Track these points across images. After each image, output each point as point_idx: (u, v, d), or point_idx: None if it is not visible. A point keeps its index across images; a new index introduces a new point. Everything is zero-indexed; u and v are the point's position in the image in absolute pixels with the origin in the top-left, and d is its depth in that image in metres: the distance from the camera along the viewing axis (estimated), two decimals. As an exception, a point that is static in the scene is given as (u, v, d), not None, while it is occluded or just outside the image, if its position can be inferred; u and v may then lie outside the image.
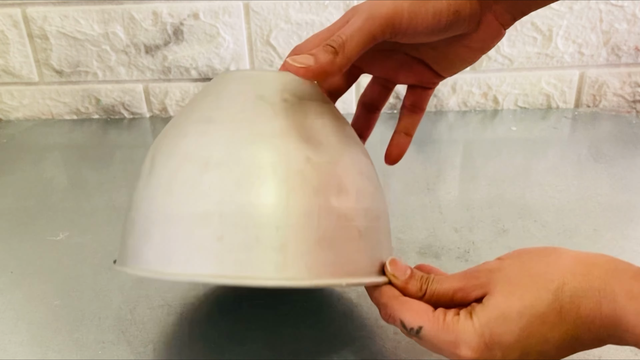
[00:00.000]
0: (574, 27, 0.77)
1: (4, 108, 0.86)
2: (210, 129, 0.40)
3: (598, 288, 0.34)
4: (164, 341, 0.50)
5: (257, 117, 0.40)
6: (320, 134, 0.40)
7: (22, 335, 0.51)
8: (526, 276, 0.35)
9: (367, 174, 0.43)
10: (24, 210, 0.67)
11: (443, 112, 0.83)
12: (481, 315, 0.35)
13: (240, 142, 0.39)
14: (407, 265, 0.41)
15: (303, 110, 0.41)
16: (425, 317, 0.37)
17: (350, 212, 0.40)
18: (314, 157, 0.39)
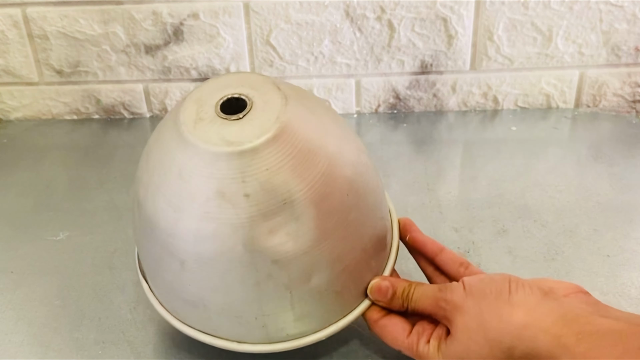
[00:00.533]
0: (574, 27, 0.77)
1: (4, 108, 0.86)
2: (179, 227, 0.40)
3: (545, 354, 0.36)
4: (164, 341, 0.50)
5: (220, 223, 0.39)
6: (289, 223, 0.39)
7: (22, 335, 0.51)
8: (481, 331, 0.39)
9: (344, 217, 0.42)
10: (24, 210, 0.67)
11: (443, 112, 0.83)
12: (446, 354, 0.41)
13: (209, 251, 0.40)
14: (391, 283, 0.44)
15: (267, 199, 0.39)
16: (401, 344, 0.43)
17: (323, 286, 0.42)
18: (280, 258, 0.40)
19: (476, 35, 0.77)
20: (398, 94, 0.82)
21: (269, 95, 0.42)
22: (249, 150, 0.38)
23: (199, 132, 0.40)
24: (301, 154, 0.39)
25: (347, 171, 0.42)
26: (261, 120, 0.40)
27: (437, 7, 0.75)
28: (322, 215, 0.40)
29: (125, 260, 0.58)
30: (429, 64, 0.80)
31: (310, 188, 0.39)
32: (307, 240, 0.40)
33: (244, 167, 0.38)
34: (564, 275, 0.55)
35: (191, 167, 0.39)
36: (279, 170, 0.39)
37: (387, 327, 0.44)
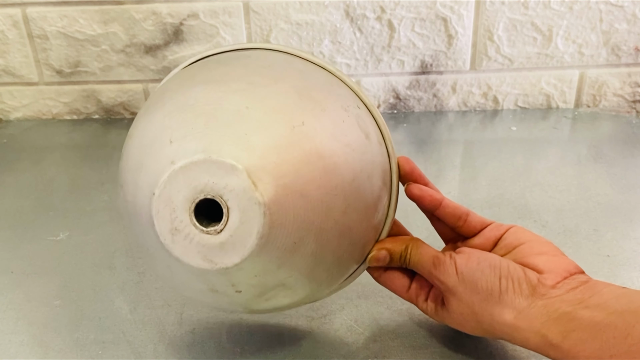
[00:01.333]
0: (574, 27, 0.77)
1: (4, 108, 0.86)
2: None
3: (536, 350, 0.40)
4: (164, 341, 0.49)
5: (217, 304, 0.42)
6: (285, 290, 0.41)
7: (22, 335, 0.51)
8: (474, 321, 0.42)
9: (345, 201, 0.40)
10: (24, 210, 0.67)
11: (443, 112, 0.83)
12: (443, 319, 0.44)
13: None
14: (386, 249, 0.46)
15: (261, 287, 0.40)
16: (401, 297, 0.47)
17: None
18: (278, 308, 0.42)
19: (476, 35, 0.77)
20: (398, 94, 0.82)
21: (245, 198, 0.37)
22: (233, 267, 0.37)
23: (179, 248, 0.37)
24: (287, 248, 0.38)
25: (338, 216, 0.40)
26: (241, 232, 0.37)
27: (437, 7, 0.75)
28: (315, 269, 0.41)
29: (125, 260, 0.58)
30: (429, 64, 0.80)
31: (303, 269, 0.40)
32: (302, 294, 0.42)
33: (232, 279, 0.38)
34: (564, 275, 0.55)
35: (180, 270, 0.39)
36: (269, 272, 0.38)
37: (387, 283, 0.47)
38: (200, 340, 0.49)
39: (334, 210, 0.39)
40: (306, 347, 0.48)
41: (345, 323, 0.50)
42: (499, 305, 0.41)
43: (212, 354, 0.48)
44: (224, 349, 0.48)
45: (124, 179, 0.41)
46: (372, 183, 0.43)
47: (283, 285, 0.40)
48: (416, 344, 0.47)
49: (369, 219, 0.44)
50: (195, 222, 0.37)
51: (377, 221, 0.45)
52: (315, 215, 0.38)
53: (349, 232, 0.41)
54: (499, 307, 0.41)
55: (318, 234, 0.39)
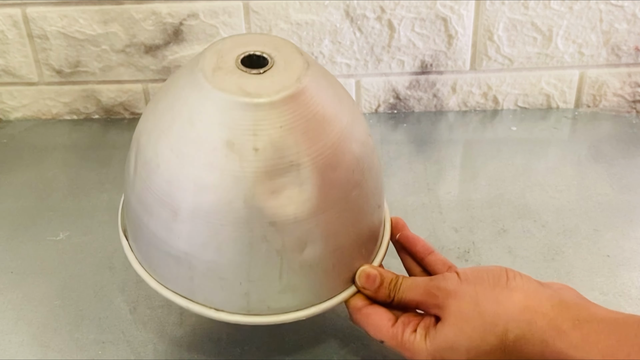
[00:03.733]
0: (574, 27, 0.77)
1: (4, 108, 0.86)
2: (180, 174, 0.39)
3: (540, 339, 0.36)
4: (164, 341, 0.50)
5: (224, 175, 0.39)
6: (291, 187, 0.39)
7: (22, 335, 0.51)
8: (476, 313, 0.38)
9: (345, 200, 0.41)
10: (24, 210, 0.67)
11: (443, 112, 0.83)
12: (434, 342, 0.39)
13: (206, 203, 0.39)
14: (379, 272, 0.43)
15: (275, 158, 0.38)
16: (385, 333, 0.41)
17: (317, 260, 0.41)
18: (279, 220, 0.39)
19: (476, 35, 0.77)
20: (398, 94, 0.82)
21: (291, 57, 0.41)
22: (266, 104, 0.38)
23: (217, 79, 0.39)
24: (316, 119, 0.39)
25: (356, 148, 0.41)
26: (282, 78, 0.40)
27: (437, 7, 0.75)
28: (326, 186, 0.39)
29: (125, 261, 0.58)
30: (429, 64, 0.80)
31: (319, 155, 0.39)
32: (308, 207, 0.39)
33: (258, 120, 0.38)
34: (564, 275, 0.55)
35: (203, 113, 0.39)
36: (292, 130, 0.38)
37: (371, 315, 0.43)
38: (200, 340, 0.49)
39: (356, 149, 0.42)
40: (306, 347, 0.48)
41: (345, 323, 0.50)
42: (506, 289, 0.38)
43: (212, 354, 0.48)
44: (224, 349, 0.48)
45: None
46: (378, 189, 0.44)
47: (297, 176, 0.38)
48: (416, 344, 0.47)
49: (372, 216, 0.44)
50: (239, 63, 0.40)
51: (373, 235, 0.45)
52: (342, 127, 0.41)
53: (358, 205, 0.42)
54: (507, 291, 0.38)
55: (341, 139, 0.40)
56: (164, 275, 0.43)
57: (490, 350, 0.38)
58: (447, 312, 0.40)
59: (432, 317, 0.41)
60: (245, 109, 0.38)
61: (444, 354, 0.39)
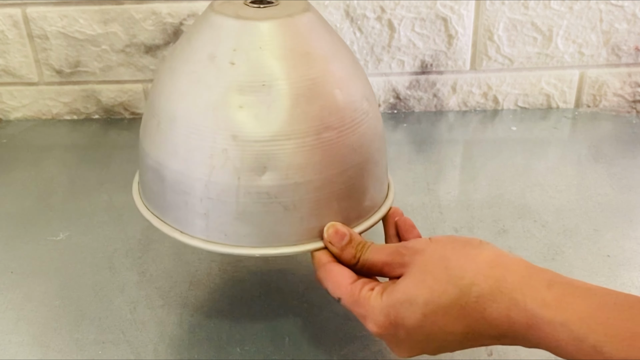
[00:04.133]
0: (574, 27, 0.77)
1: (4, 108, 0.86)
2: (168, 84, 0.44)
3: (509, 295, 0.34)
4: (164, 341, 0.50)
5: (202, 81, 0.42)
6: (260, 105, 0.40)
7: (22, 335, 0.51)
8: (442, 266, 0.36)
9: (317, 132, 0.42)
10: (24, 210, 0.67)
11: (443, 112, 0.83)
12: (390, 296, 0.37)
13: (185, 103, 0.42)
14: (349, 231, 0.43)
15: (249, 75, 0.41)
16: (343, 290, 0.40)
17: (274, 190, 0.41)
18: (242, 133, 0.40)
19: (476, 35, 0.77)
20: (398, 94, 0.82)
21: (296, 4, 0.45)
22: (250, 25, 0.42)
23: (221, 7, 0.44)
24: (298, 51, 0.42)
25: (339, 96, 0.42)
26: (275, 11, 0.43)
27: (437, 7, 0.75)
28: (295, 115, 0.41)
29: (125, 260, 0.58)
30: (429, 64, 0.80)
31: (294, 83, 0.41)
32: (271, 128, 0.40)
33: (240, 38, 0.41)
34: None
35: (200, 32, 0.43)
36: (271, 54, 0.41)
37: (333, 271, 0.41)
38: (200, 340, 0.49)
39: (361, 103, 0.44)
40: (306, 347, 0.48)
41: (345, 323, 0.50)
42: (478, 249, 0.37)
43: (212, 354, 0.48)
44: (224, 349, 0.48)
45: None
46: (369, 154, 0.45)
47: (266, 96, 0.40)
48: (416, 344, 0.47)
49: (352, 174, 0.44)
50: (248, 2, 0.45)
51: (354, 196, 0.45)
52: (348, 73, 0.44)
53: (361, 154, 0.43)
54: (478, 250, 0.36)
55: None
56: (148, 196, 0.47)
57: (449, 304, 0.35)
58: (411, 267, 0.38)
59: (394, 281, 0.39)
60: (232, 28, 0.42)
61: (399, 309, 0.36)
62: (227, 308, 0.52)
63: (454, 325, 0.35)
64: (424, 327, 0.36)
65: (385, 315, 0.37)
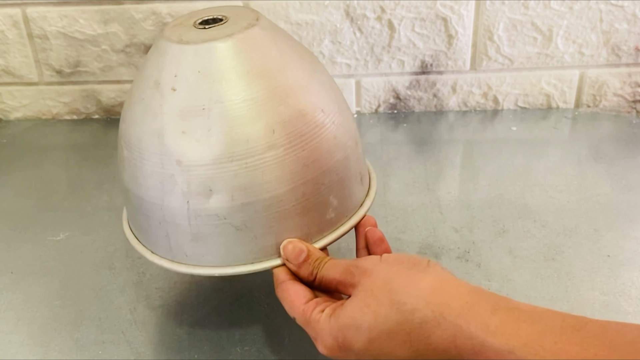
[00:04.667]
0: (574, 27, 0.77)
1: (4, 108, 0.86)
2: (126, 111, 0.45)
3: (453, 322, 0.33)
4: (164, 341, 0.50)
5: (147, 109, 0.43)
6: (201, 129, 0.41)
7: (22, 335, 0.51)
8: (386, 290, 0.36)
9: (269, 145, 0.41)
10: (24, 210, 0.67)
11: (443, 112, 0.83)
12: (338, 320, 0.37)
13: (134, 133, 0.43)
14: (307, 247, 0.43)
15: (191, 98, 0.41)
16: (296, 310, 0.40)
17: (224, 211, 0.42)
18: (186, 158, 0.41)
19: (476, 35, 0.77)
20: (398, 94, 0.82)
21: (244, 19, 0.44)
22: (190, 49, 0.42)
23: (169, 32, 0.44)
24: (237, 72, 0.42)
25: (284, 111, 0.42)
26: (218, 32, 0.43)
27: (437, 7, 0.75)
28: (234, 137, 0.41)
29: (125, 260, 0.58)
30: (429, 64, 0.80)
31: (232, 105, 0.41)
32: (213, 152, 0.41)
33: (180, 64, 0.42)
34: (564, 275, 0.55)
35: (149, 59, 0.44)
36: (209, 77, 0.41)
37: (289, 290, 0.41)
38: (200, 340, 0.49)
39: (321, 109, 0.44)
40: (306, 347, 0.48)
41: (345, 323, 0.50)
42: (422, 273, 0.36)
43: (212, 354, 0.48)
44: (224, 349, 0.48)
45: None
46: (350, 168, 0.46)
47: (207, 120, 0.41)
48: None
49: (305, 190, 0.43)
50: (197, 23, 0.45)
51: (310, 212, 0.44)
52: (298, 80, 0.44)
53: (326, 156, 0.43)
54: (422, 274, 0.36)
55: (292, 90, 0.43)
56: (129, 217, 0.49)
57: (393, 329, 0.35)
58: (358, 290, 0.38)
59: (339, 303, 0.39)
60: (173, 53, 0.42)
61: (346, 333, 0.37)
62: (227, 308, 0.52)
63: (400, 351, 0.35)
64: (371, 351, 0.36)
65: (333, 338, 0.38)
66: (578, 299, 0.52)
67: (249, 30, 0.43)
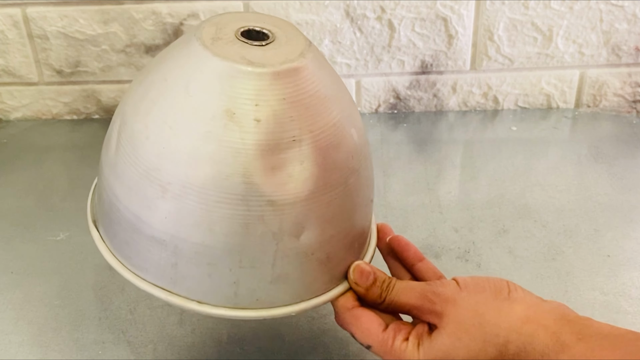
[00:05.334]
0: (574, 27, 0.77)
1: (4, 108, 0.86)
2: (173, 145, 0.37)
3: (542, 352, 0.35)
4: (164, 341, 0.49)
5: (221, 146, 0.36)
6: (292, 166, 0.37)
7: (22, 335, 0.51)
8: (476, 323, 0.36)
9: (346, 179, 0.40)
10: (24, 210, 0.67)
11: (443, 112, 0.83)
12: (428, 351, 0.37)
13: (197, 173, 0.36)
14: (373, 269, 0.41)
15: (281, 127, 0.37)
16: (374, 338, 0.39)
17: (312, 247, 0.39)
18: (278, 199, 0.36)
19: (476, 35, 0.77)
20: (398, 94, 0.82)
21: (292, 34, 0.40)
22: (269, 74, 0.36)
23: (218, 48, 0.37)
24: (317, 96, 0.38)
25: (354, 133, 0.40)
26: (284, 51, 0.38)
27: (437, 7, 0.75)
28: (327, 166, 0.38)
29: (125, 260, 0.58)
30: (429, 64, 0.80)
31: (321, 132, 0.37)
32: (308, 186, 0.37)
33: (261, 90, 0.36)
34: (564, 275, 0.55)
35: (201, 80, 0.37)
36: (295, 104, 0.37)
37: (361, 318, 0.40)
38: (200, 340, 0.49)
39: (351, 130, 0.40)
40: (306, 347, 0.48)
41: (345, 323, 0.50)
42: (508, 301, 0.37)
43: (212, 354, 0.48)
44: (224, 349, 0.48)
45: None
46: (371, 182, 0.43)
47: (298, 152, 0.37)
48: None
49: (365, 209, 0.42)
50: (240, 35, 0.39)
51: (364, 231, 0.44)
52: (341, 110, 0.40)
53: (355, 183, 0.40)
54: (508, 303, 0.37)
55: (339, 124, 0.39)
56: (142, 265, 0.40)
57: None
58: (444, 320, 0.38)
59: (425, 325, 0.39)
60: (248, 78, 0.36)
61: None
62: (227, 308, 0.52)
63: None
64: None
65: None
66: (578, 299, 0.52)
67: (311, 51, 0.39)
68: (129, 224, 0.39)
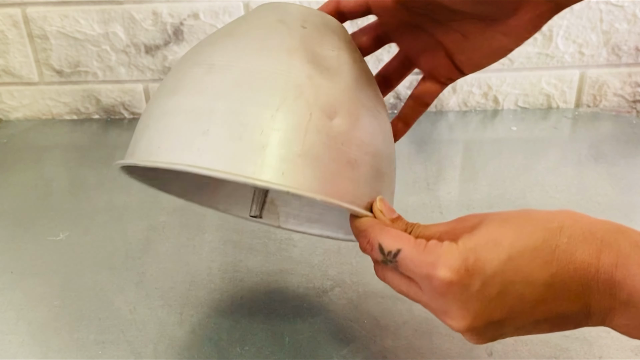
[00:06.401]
0: (574, 27, 0.77)
1: (4, 108, 0.86)
2: (226, 41, 0.42)
3: (600, 237, 0.32)
4: (164, 341, 0.49)
5: (272, 34, 0.42)
6: (331, 63, 0.41)
7: (22, 335, 0.51)
8: (524, 217, 0.33)
9: (375, 112, 0.42)
10: (24, 210, 0.67)
11: (443, 112, 0.83)
12: (468, 241, 0.33)
13: (249, 51, 0.40)
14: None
15: (320, 40, 0.42)
16: (406, 240, 0.35)
17: (342, 137, 0.39)
18: (316, 77, 0.40)
19: (476, 35, 0.77)
20: (398, 94, 0.82)
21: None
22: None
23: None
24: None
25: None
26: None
27: (437, 7, 0.75)
28: (363, 84, 0.42)
29: (125, 261, 0.58)
30: (429, 64, 0.80)
31: (355, 63, 0.43)
32: (342, 77, 0.41)
33: (305, 10, 0.44)
34: (564, 275, 0.55)
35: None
36: (333, 30, 0.44)
37: (390, 228, 0.37)
38: (200, 340, 0.49)
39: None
40: (306, 347, 0.48)
41: (345, 323, 0.50)
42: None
43: (212, 354, 0.48)
44: (224, 349, 0.48)
45: None
46: (392, 152, 0.46)
47: (339, 42, 0.43)
48: (416, 345, 0.47)
49: (390, 159, 0.44)
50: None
51: (391, 180, 0.45)
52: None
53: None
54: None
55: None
56: (172, 146, 0.39)
57: (538, 245, 0.32)
58: (487, 220, 0.34)
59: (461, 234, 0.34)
60: (297, 7, 0.44)
61: (480, 252, 0.32)
62: (227, 308, 0.52)
63: (539, 273, 0.32)
64: (506, 272, 0.32)
65: (462, 259, 0.32)
66: (578, 299, 0.52)
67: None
68: (160, 116, 0.41)
